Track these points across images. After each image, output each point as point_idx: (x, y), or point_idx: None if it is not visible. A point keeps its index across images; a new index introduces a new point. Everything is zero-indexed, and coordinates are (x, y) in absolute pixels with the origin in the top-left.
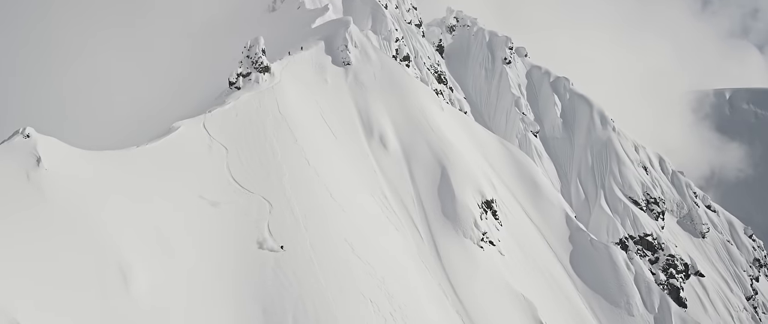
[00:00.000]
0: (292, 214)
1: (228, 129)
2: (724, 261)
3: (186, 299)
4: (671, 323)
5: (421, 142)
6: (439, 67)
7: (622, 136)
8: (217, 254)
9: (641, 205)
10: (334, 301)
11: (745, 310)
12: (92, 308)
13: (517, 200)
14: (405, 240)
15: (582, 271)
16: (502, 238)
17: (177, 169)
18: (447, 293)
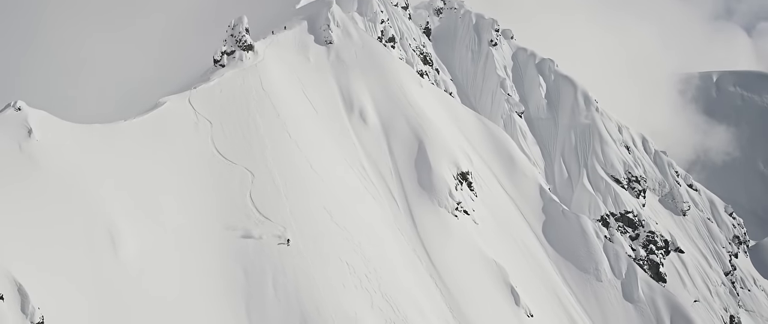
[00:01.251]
0: (273, 183)
1: (212, 104)
2: (703, 238)
3: (171, 262)
4: (637, 288)
5: (399, 117)
6: (424, 49)
7: (606, 117)
8: (201, 221)
9: (623, 183)
10: (312, 263)
11: (723, 284)
12: (84, 269)
13: (493, 173)
14: (382, 209)
15: (553, 240)
16: (477, 207)
17: (163, 142)
18: (421, 259)
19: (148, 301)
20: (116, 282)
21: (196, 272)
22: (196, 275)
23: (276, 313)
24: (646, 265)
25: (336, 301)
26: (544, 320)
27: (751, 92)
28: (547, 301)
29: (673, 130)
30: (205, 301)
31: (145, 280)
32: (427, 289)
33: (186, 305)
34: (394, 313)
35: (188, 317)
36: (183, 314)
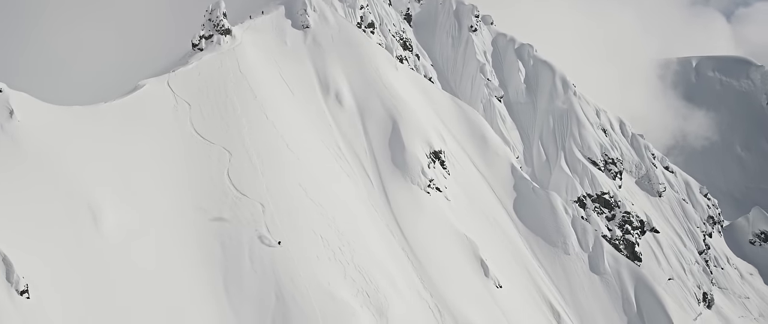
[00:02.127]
0: (250, 162)
1: (191, 87)
2: (678, 218)
3: (150, 236)
4: (603, 261)
5: (374, 99)
6: (404, 34)
7: (583, 101)
8: (179, 197)
9: (599, 165)
10: (287, 235)
11: (696, 263)
12: (66, 241)
13: (466, 152)
14: (356, 186)
15: (523, 216)
16: (449, 185)
17: (142, 123)
18: (394, 233)
19: (129, 271)
20: (97, 253)
21: (175, 245)
22: (175, 248)
23: (252, 283)
24: (622, 244)
25: (310, 272)
26: (513, 291)
27: (730, 77)
28: (516, 274)
29: (652, 115)
30: (183, 272)
31: (125, 251)
32: (400, 261)
33: (165, 275)
34: (366, 283)
35: (167, 286)
36: (163, 284)
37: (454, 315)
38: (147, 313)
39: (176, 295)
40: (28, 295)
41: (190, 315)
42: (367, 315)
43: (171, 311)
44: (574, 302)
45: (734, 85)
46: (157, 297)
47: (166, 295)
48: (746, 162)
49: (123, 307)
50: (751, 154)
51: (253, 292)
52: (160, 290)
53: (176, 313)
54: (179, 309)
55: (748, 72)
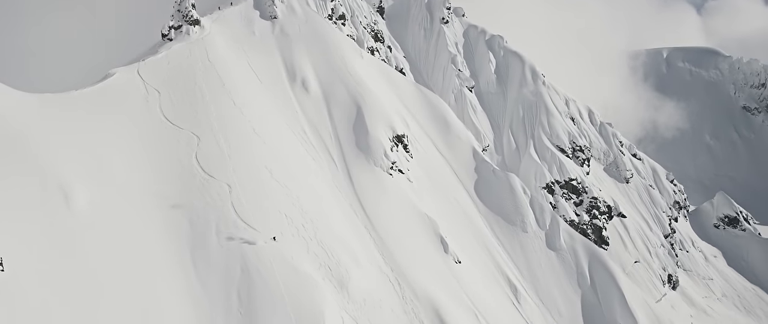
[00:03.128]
0: (217, 145)
1: (160, 75)
2: (645, 203)
3: (121, 214)
4: (559, 238)
5: (339, 86)
6: (376, 26)
7: (552, 90)
8: (148, 178)
9: (568, 152)
10: (253, 214)
11: (662, 246)
12: (40, 220)
13: (429, 136)
14: (321, 169)
15: (484, 196)
16: (412, 167)
17: (113, 110)
18: (357, 212)
19: (101, 247)
20: (70, 230)
21: (144, 223)
22: (144, 225)
23: (219, 258)
24: (590, 229)
25: (274, 248)
26: (472, 266)
27: (699, 67)
28: (476, 250)
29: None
30: (153, 248)
31: (96, 229)
32: (362, 238)
33: (136, 251)
34: (328, 258)
35: (138, 261)
36: (133, 258)
37: (414, 287)
38: (118, 285)
39: (146, 268)
40: (2, 268)
41: (159, 286)
42: (329, 287)
43: (141, 284)
44: (531, 277)
45: (703, 76)
46: (127, 271)
47: (136, 269)
48: (715, 150)
49: (95, 279)
50: (720, 143)
51: (220, 265)
52: (130, 265)
53: (146, 285)
54: (149, 281)
55: (717, 62)
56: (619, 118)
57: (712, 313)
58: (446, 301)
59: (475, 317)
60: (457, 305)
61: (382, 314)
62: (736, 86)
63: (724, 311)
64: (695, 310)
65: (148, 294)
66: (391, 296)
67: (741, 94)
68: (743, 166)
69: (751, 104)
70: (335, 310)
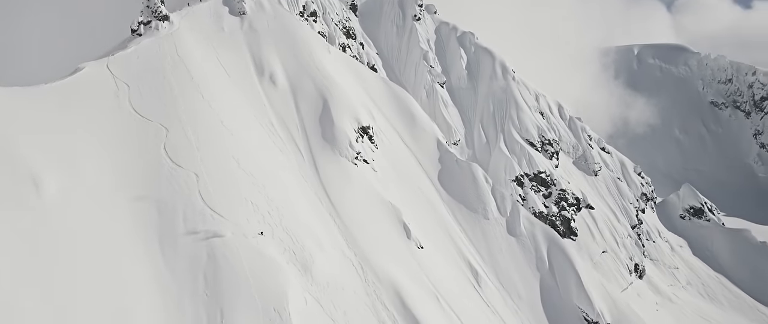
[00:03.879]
0: (185, 136)
1: (130, 69)
2: (613, 195)
3: (90, 202)
4: (519, 224)
5: (307, 80)
6: (348, 23)
7: (522, 85)
8: (118, 168)
9: (537, 146)
10: (219, 201)
11: (629, 237)
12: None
13: (395, 128)
14: (288, 159)
15: (447, 185)
16: (377, 158)
17: (83, 103)
18: (322, 201)
19: (70, 233)
20: (40, 217)
21: (113, 210)
22: (113, 212)
23: (186, 243)
24: (559, 220)
25: (240, 233)
26: (434, 252)
27: (669, 64)
28: (439, 236)
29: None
30: (122, 234)
31: (66, 216)
32: (327, 225)
33: (105, 237)
34: (293, 243)
35: (107, 246)
36: (102, 244)
37: (376, 271)
38: (88, 270)
39: (115, 254)
40: None
41: (127, 271)
42: (293, 270)
43: (110, 269)
44: (492, 262)
45: (673, 72)
46: (97, 257)
47: (105, 255)
48: (684, 144)
49: (65, 264)
50: (689, 137)
51: (186, 250)
52: (100, 250)
53: (114, 269)
54: (117, 266)
55: (686, 59)
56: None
57: (677, 301)
58: (408, 284)
59: (436, 300)
60: (418, 288)
61: (344, 296)
62: (704, 82)
63: (688, 299)
64: (661, 298)
65: (117, 278)
66: (353, 279)
67: (709, 90)
68: (711, 160)
69: (719, 99)
70: (299, 292)
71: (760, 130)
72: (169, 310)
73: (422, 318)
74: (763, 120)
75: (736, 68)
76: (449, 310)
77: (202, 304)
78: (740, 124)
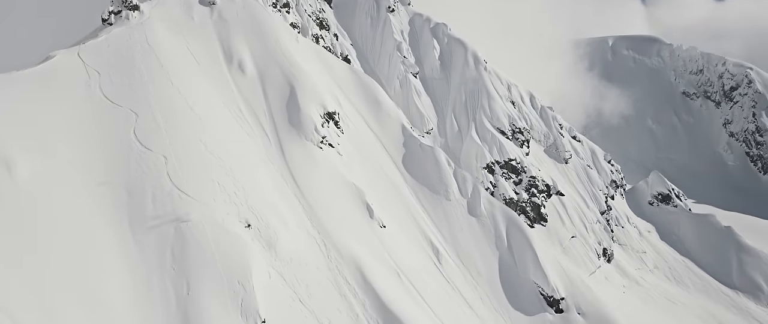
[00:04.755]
0: (154, 121)
1: (101, 58)
2: (583, 182)
3: (62, 184)
4: (480, 205)
5: (274, 67)
6: (322, 14)
7: (494, 75)
8: (88, 151)
9: (508, 134)
10: (187, 182)
11: (598, 222)
12: None
13: (361, 114)
14: (255, 143)
15: (411, 168)
16: (342, 142)
17: (54, 88)
18: (288, 182)
19: (43, 213)
20: (13, 198)
21: (85, 190)
22: (85, 193)
23: (154, 222)
24: (529, 206)
25: (206, 211)
26: (396, 231)
27: (643, 55)
28: (401, 217)
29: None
30: (92, 213)
31: (39, 197)
32: (291, 205)
33: (77, 215)
34: (257, 221)
35: (78, 224)
36: (74, 222)
37: (339, 248)
38: (60, 247)
39: (86, 232)
40: None
41: (98, 245)
42: (257, 246)
43: (81, 245)
44: (452, 240)
45: (647, 63)
46: (68, 234)
47: (76, 232)
48: (656, 134)
49: (36, 241)
50: (661, 127)
51: (155, 228)
52: (71, 229)
53: (86, 244)
54: (89, 241)
55: (659, 50)
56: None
57: (644, 283)
58: (369, 260)
59: (397, 275)
60: (379, 264)
61: (307, 271)
62: (677, 73)
63: (654, 281)
64: (628, 281)
65: (87, 255)
66: (316, 256)
67: (681, 80)
68: (682, 148)
69: (690, 90)
70: (263, 267)
71: (729, 120)
72: (138, 285)
73: (382, 291)
74: (732, 110)
75: (706, 59)
76: (409, 285)
77: (169, 278)
78: (711, 114)
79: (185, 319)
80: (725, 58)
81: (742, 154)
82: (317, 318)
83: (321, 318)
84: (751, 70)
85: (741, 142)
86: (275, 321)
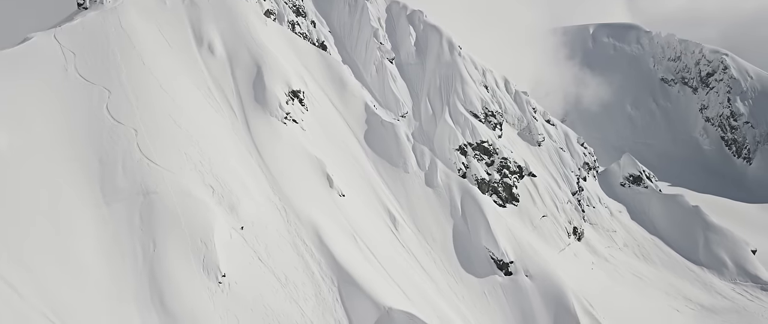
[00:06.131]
0: (126, 98)
1: (76, 39)
2: (555, 164)
3: (38, 155)
4: (436, 177)
5: (243, 49)
6: (298, 2)
7: (468, 61)
8: (64, 124)
9: (480, 117)
10: (155, 151)
11: (569, 202)
12: None
13: (326, 93)
14: (222, 119)
15: (372, 143)
16: (306, 118)
17: (32, 68)
18: (252, 154)
19: (21, 182)
20: None
21: (61, 161)
22: (60, 163)
23: (124, 187)
24: (501, 186)
25: (173, 178)
26: (356, 200)
27: (622, 42)
28: (361, 187)
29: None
30: (67, 180)
31: (15, 166)
32: (255, 175)
33: (53, 183)
34: (221, 187)
35: (54, 191)
36: (50, 189)
37: (298, 213)
38: (37, 211)
39: (61, 198)
40: None
41: (73, 209)
42: (221, 210)
43: (57, 207)
44: (410, 209)
45: (626, 50)
46: (44, 200)
47: (52, 198)
48: (635, 119)
49: (15, 207)
50: (640, 112)
51: (125, 192)
52: (48, 194)
53: (61, 207)
54: (64, 205)
55: (638, 37)
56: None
57: (613, 260)
58: (327, 225)
59: (353, 239)
60: (337, 228)
61: (267, 233)
62: (656, 59)
63: (623, 258)
64: (597, 258)
65: (63, 218)
66: (276, 220)
67: (659, 67)
68: (660, 133)
69: (668, 76)
70: (225, 227)
71: (705, 105)
72: (109, 243)
73: (337, 252)
74: (708, 95)
75: (684, 46)
76: (365, 248)
77: (138, 237)
78: (688, 100)
79: (151, 274)
80: (702, 45)
81: (718, 139)
82: (275, 274)
83: (278, 274)
84: (727, 56)
85: (716, 127)
86: (235, 276)
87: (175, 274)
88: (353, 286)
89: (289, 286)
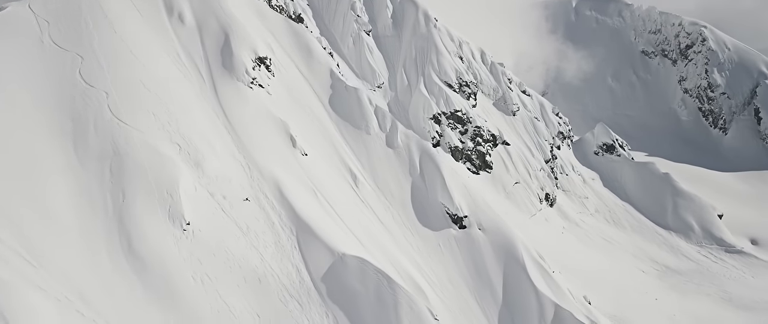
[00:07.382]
0: (98, 64)
1: (50, 9)
2: (529, 133)
3: (15, 115)
4: (397, 138)
5: (212, 18)
6: None
7: (444, 33)
8: (37, 89)
9: (455, 87)
10: (125, 111)
11: (542, 170)
12: None
13: (293, 60)
14: (191, 83)
15: (336, 107)
16: (272, 84)
17: (6, 37)
18: (219, 116)
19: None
20: None
21: (35, 121)
22: (35, 122)
23: (95, 144)
24: (474, 154)
25: (141, 137)
26: (318, 159)
27: (604, 15)
28: (324, 148)
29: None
30: (42, 141)
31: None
32: (221, 135)
33: (27, 142)
34: (187, 145)
35: (29, 149)
36: (25, 148)
37: (261, 170)
38: (14, 165)
39: (36, 155)
40: None
41: (47, 163)
42: (186, 166)
43: (32, 162)
44: (371, 168)
45: (608, 23)
46: (22, 156)
47: (27, 155)
48: (616, 91)
49: None
50: (620, 84)
51: (96, 149)
52: (22, 152)
53: (37, 162)
54: (39, 161)
55: (620, 10)
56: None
57: (583, 225)
58: (288, 180)
59: (314, 194)
60: (298, 184)
61: (230, 187)
62: (636, 32)
63: (594, 224)
64: (568, 223)
65: (38, 174)
66: (240, 175)
67: (640, 40)
68: (640, 105)
69: (649, 48)
70: (190, 181)
71: (684, 77)
72: (81, 195)
73: (297, 205)
74: (687, 67)
75: (664, 18)
76: (325, 202)
77: (108, 189)
78: (667, 72)
79: (120, 221)
80: (682, 18)
81: (695, 110)
82: (237, 224)
83: (241, 224)
84: (705, 29)
85: (694, 98)
86: (199, 225)
87: (142, 222)
88: (310, 235)
89: (250, 234)
